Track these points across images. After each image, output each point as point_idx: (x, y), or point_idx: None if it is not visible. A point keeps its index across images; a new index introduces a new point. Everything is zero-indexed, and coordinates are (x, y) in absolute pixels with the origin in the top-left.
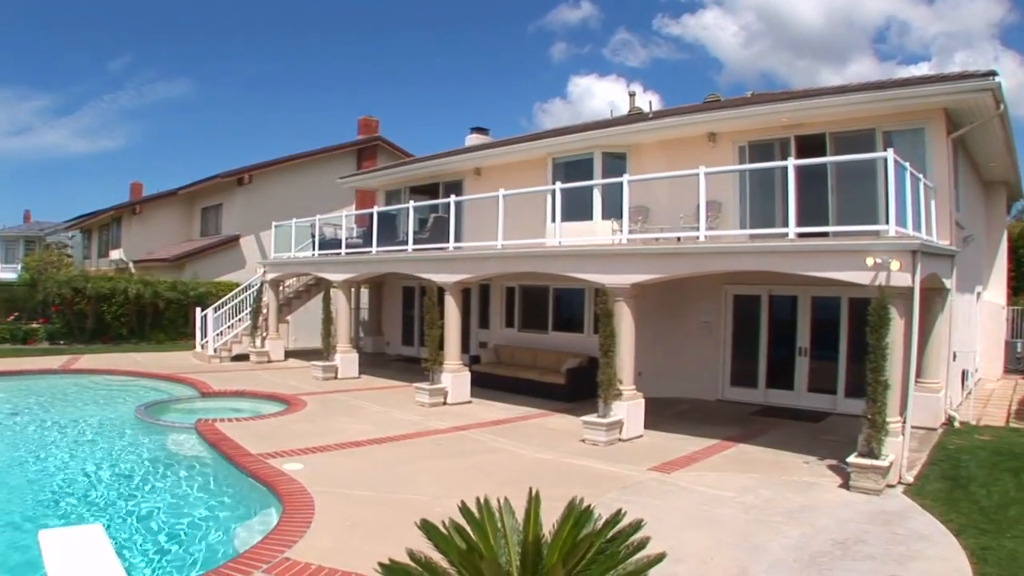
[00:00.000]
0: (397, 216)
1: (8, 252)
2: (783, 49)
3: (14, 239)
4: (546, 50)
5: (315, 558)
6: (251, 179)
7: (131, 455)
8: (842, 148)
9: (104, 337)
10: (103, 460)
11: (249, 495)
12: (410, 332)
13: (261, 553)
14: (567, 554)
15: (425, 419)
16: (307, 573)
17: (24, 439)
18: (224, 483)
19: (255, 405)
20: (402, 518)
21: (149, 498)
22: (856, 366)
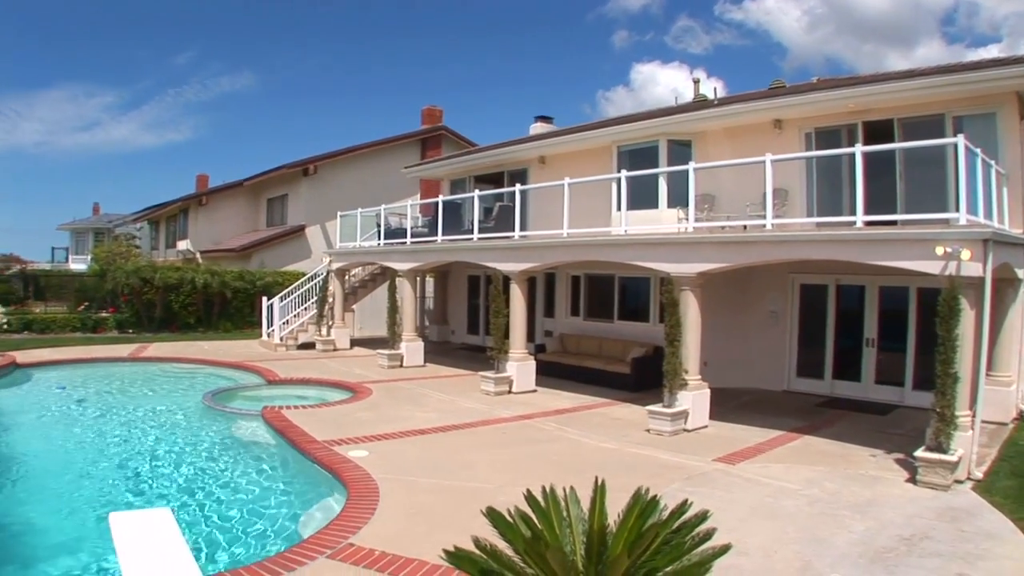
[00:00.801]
0: (462, 205)
1: (78, 244)
2: (848, 33)
3: (84, 231)
4: (607, 38)
5: (379, 544)
6: (316, 170)
7: (198, 442)
8: (910, 134)
9: (172, 326)
10: (171, 446)
11: (314, 481)
12: (475, 321)
13: (325, 539)
14: (632, 544)
15: (490, 408)
16: (371, 559)
17: (94, 426)
18: (290, 469)
19: (321, 393)
20: (466, 506)
21: (216, 483)
22: (925, 358)
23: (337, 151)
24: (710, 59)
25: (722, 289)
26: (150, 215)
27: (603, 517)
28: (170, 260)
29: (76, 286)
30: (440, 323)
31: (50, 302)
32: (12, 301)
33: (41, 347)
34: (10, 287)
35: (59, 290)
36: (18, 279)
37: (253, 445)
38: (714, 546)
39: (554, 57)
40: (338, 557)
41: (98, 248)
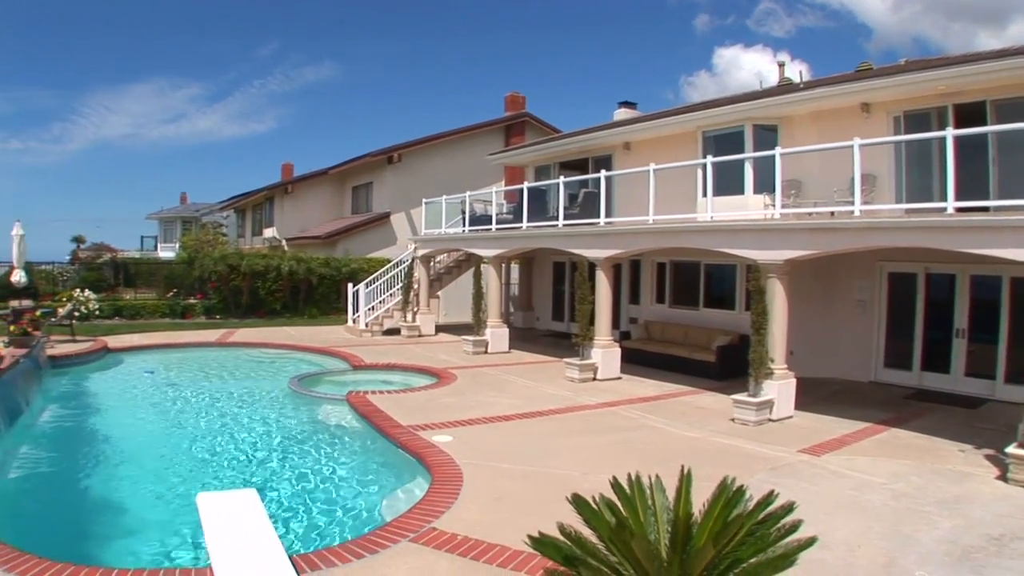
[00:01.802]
0: (547, 191)
1: (166, 232)
2: (936, 12)
3: (171, 220)
4: (689, 22)
5: (461, 529)
6: (400, 157)
7: (284, 425)
8: (1004, 116)
9: (258, 312)
10: (258, 429)
11: (398, 465)
12: (560, 307)
13: (409, 522)
14: (717, 534)
15: (574, 394)
16: (453, 543)
17: (181, 408)
18: (374, 453)
19: (405, 378)
20: (549, 492)
21: (301, 466)
22: (1018, 351)
23: (421, 139)
24: (793, 42)
25: (808, 277)
26: (236, 204)
27: (688, 506)
28: (256, 247)
29: (165, 273)
30: (525, 309)
31: (140, 289)
32: (103, 288)
33: (131, 332)
34: (101, 275)
35: (148, 277)
36: (109, 267)
37: (338, 429)
38: (799, 538)
39: (636, 43)
40: (421, 541)
41: (186, 236)
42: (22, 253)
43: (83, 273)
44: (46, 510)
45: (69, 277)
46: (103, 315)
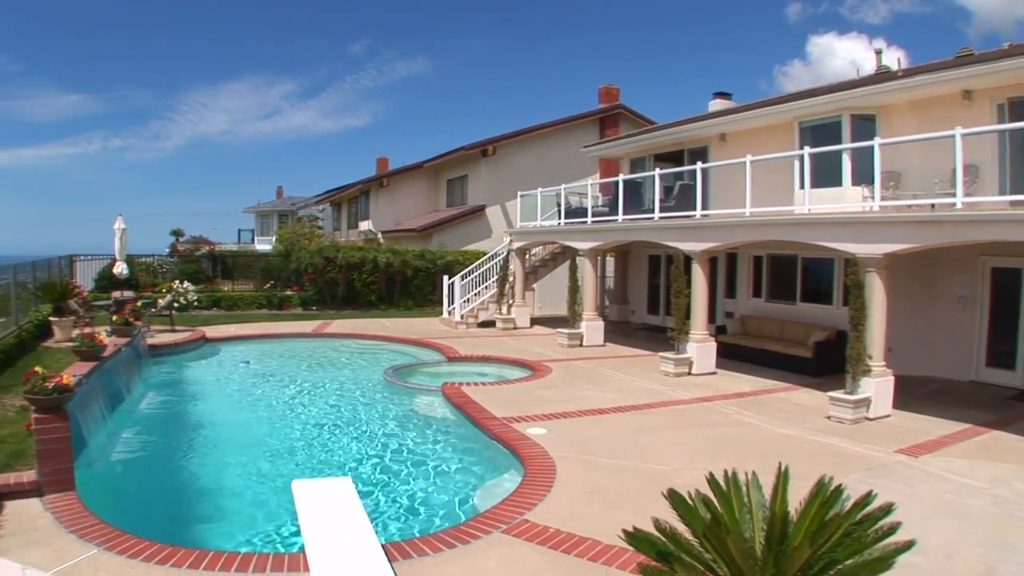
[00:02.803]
0: (642, 184)
1: (263, 225)
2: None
3: (268, 213)
4: (782, 11)
5: (553, 522)
6: (495, 150)
7: (379, 415)
8: None
9: (354, 304)
10: (353, 418)
11: (492, 457)
12: (655, 301)
13: (501, 513)
14: (814, 534)
15: (669, 389)
16: (545, 536)
17: (277, 397)
18: (468, 444)
19: (500, 370)
20: (642, 487)
21: (396, 456)
22: None
23: (515, 132)
24: (889, 28)
25: (907, 271)
26: (332, 197)
27: (785, 504)
28: (352, 240)
29: (262, 266)
30: (620, 303)
31: (237, 281)
32: (201, 280)
33: (228, 323)
34: (199, 267)
35: (245, 269)
36: (207, 259)
37: (433, 420)
38: (896, 541)
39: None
40: (513, 532)
41: (282, 229)
42: (124, 246)
43: (182, 265)
44: (144, 492)
45: (168, 269)
46: (201, 306)
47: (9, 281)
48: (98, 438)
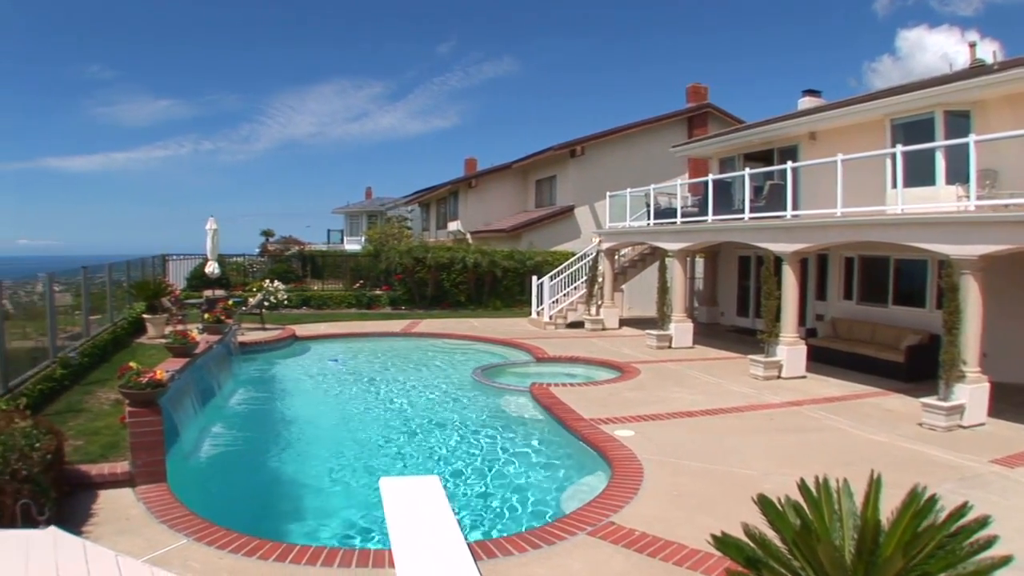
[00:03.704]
0: (732, 184)
1: (352, 226)
2: None
3: (357, 214)
4: (870, 6)
5: (639, 525)
6: (583, 151)
7: (467, 414)
8: None
9: (443, 304)
10: (441, 417)
11: (579, 458)
12: (745, 303)
13: (587, 515)
14: (907, 544)
15: (757, 392)
16: (630, 539)
17: (366, 395)
18: (555, 445)
19: (588, 371)
20: (729, 491)
21: (482, 455)
22: None
23: (603, 132)
24: (982, 20)
25: (1004, 273)
26: (421, 198)
27: (877, 513)
28: (441, 240)
29: (351, 265)
30: (709, 304)
31: (326, 280)
32: (291, 279)
33: (318, 322)
34: (289, 266)
35: (335, 269)
36: (297, 259)
37: (520, 420)
38: (992, 556)
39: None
40: (598, 535)
41: (371, 230)
42: (215, 246)
43: (272, 265)
44: (232, 485)
45: (258, 269)
46: (291, 305)
47: (104, 280)
48: (189, 432)
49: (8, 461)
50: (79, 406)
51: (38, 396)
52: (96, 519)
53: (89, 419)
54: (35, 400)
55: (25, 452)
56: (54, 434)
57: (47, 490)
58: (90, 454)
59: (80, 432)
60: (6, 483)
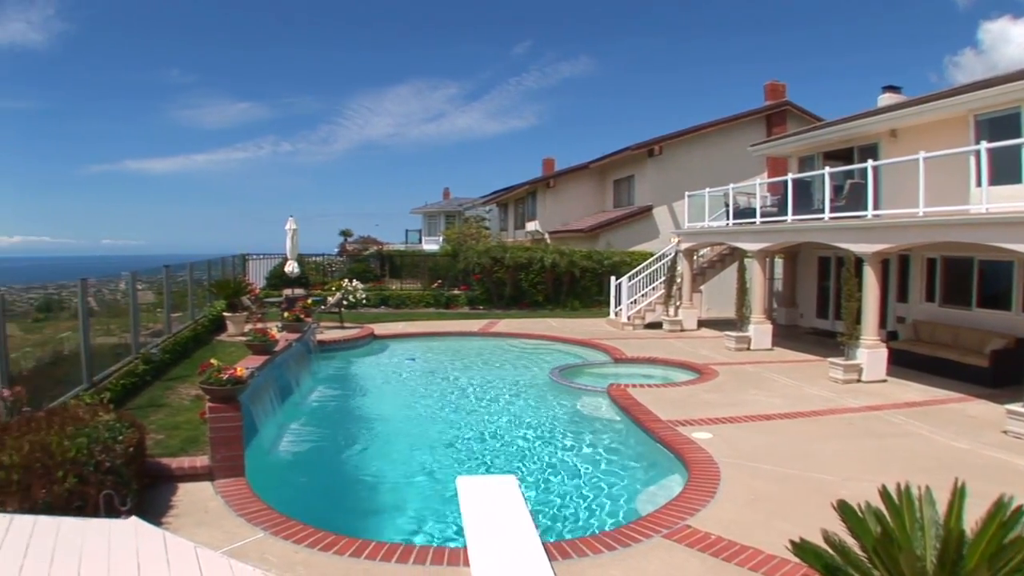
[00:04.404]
0: (811, 183)
1: (430, 226)
2: None
3: (435, 214)
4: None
5: (715, 528)
6: (661, 150)
7: (545, 414)
8: None
9: (521, 304)
10: (518, 416)
11: (656, 460)
12: (824, 304)
13: (663, 518)
14: (991, 556)
15: (837, 396)
16: (706, 543)
17: (443, 394)
18: (632, 446)
19: (666, 372)
20: (807, 497)
21: (559, 455)
22: None
23: (681, 131)
24: None
25: None
26: (498, 198)
27: (960, 523)
28: (519, 240)
29: (429, 265)
30: (788, 306)
31: (405, 280)
32: (370, 279)
33: (396, 321)
34: (368, 266)
35: (413, 269)
36: (375, 259)
37: (597, 421)
38: None
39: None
40: (674, 537)
41: (449, 230)
42: (295, 246)
43: (351, 264)
44: (309, 481)
45: (337, 268)
46: (370, 304)
47: (185, 278)
48: (267, 428)
49: (92, 453)
50: (160, 401)
51: (121, 391)
52: (175, 511)
53: (170, 414)
54: (118, 394)
55: (108, 444)
56: (136, 428)
57: (129, 481)
58: (170, 448)
59: (161, 426)
60: (90, 474)
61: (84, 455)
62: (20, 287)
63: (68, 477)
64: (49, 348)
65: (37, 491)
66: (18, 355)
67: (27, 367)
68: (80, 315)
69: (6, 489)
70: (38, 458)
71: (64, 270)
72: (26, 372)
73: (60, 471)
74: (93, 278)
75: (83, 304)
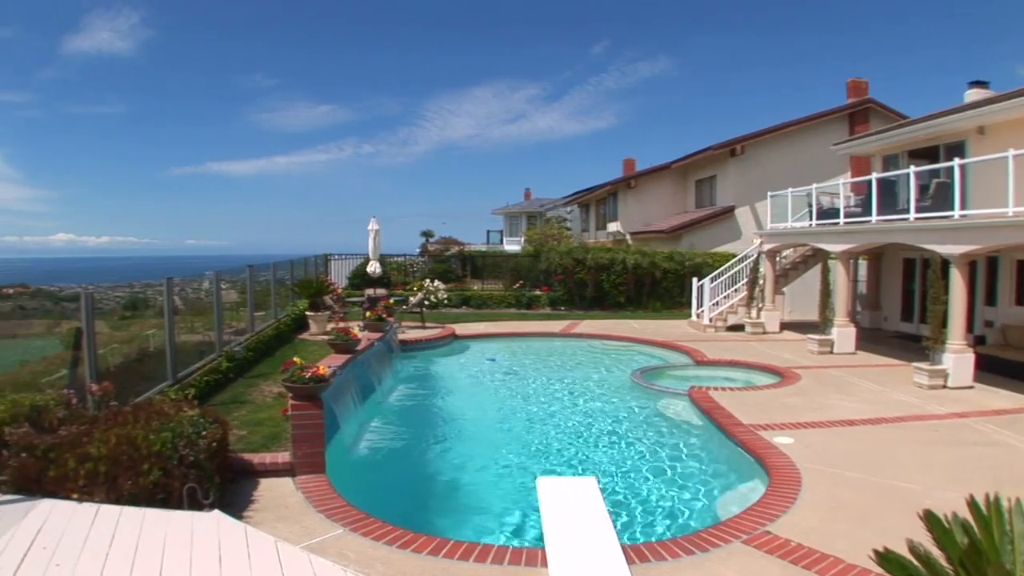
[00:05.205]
0: (896, 182)
1: (511, 226)
2: None
3: (516, 215)
4: None
5: (795, 535)
6: (743, 150)
7: (625, 416)
8: None
9: (602, 305)
10: (599, 418)
11: (736, 464)
12: (909, 307)
13: (742, 523)
14: None
15: (922, 402)
16: (785, 550)
17: (523, 395)
18: (712, 450)
19: (747, 375)
20: (889, 505)
21: (639, 457)
22: None
23: (762, 130)
24: None
25: None
26: (580, 199)
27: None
28: (600, 241)
29: (510, 266)
30: (872, 308)
31: (486, 280)
32: (451, 279)
33: (477, 321)
34: (449, 266)
35: (494, 269)
36: (456, 259)
37: (677, 423)
38: None
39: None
40: (753, 544)
41: (531, 231)
42: (377, 246)
43: (432, 265)
44: (388, 479)
45: (418, 268)
46: (451, 304)
47: (268, 278)
48: (349, 426)
49: (176, 447)
50: (243, 398)
51: (205, 387)
52: (256, 505)
53: (252, 410)
54: (202, 391)
55: (192, 439)
56: (219, 423)
57: (211, 476)
58: (252, 444)
59: (243, 422)
60: (174, 467)
61: (169, 449)
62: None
63: (153, 470)
64: (135, 345)
65: (123, 483)
66: (105, 351)
67: (114, 363)
68: (166, 313)
69: (94, 480)
70: (124, 451)
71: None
72: (113, 368)
73: (145, 464)
74: (178, 277)
75: (169, 302)
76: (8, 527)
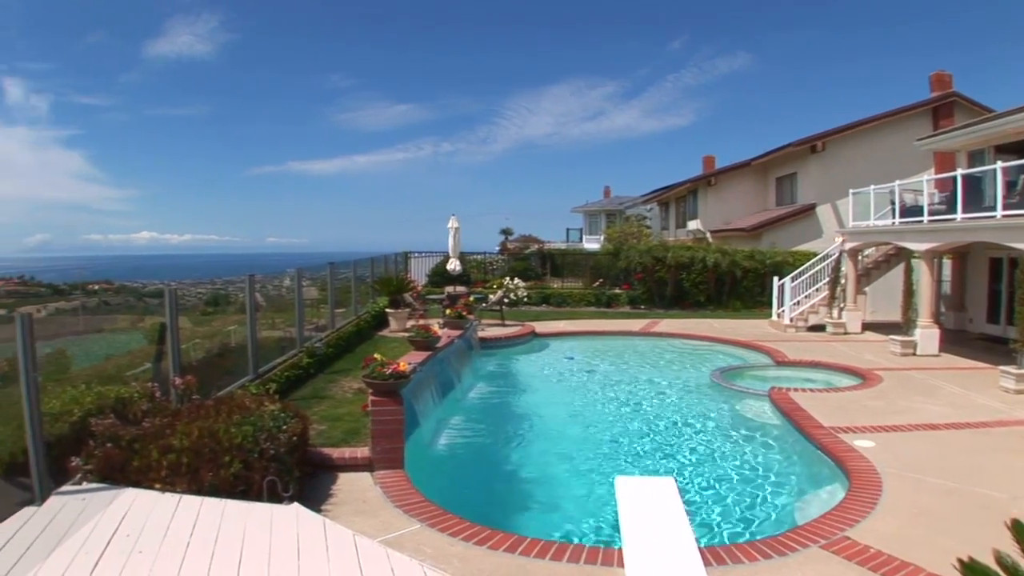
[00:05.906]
0: (982, 179)
1: (591, 224)
2: None
3: (596, 213)
4: None
5: (875, 541)
6: (824, 146)
7: (705, 416)
8: None
9: (682, 303)
10: (679, 418)
11: (815, 468)
12: (996, 308)
13: (821, 528)
14: None
15: (1008, 407)
16: (864, 556)
17: (602, 393)
18: (791, 453)
19: (828, 377)
20: (971, 513)
21: (717, 458)
22: None
23: (843, 126)
24: None
25: None
26: (659, 197)
27: None
28: (680, 239)
29: (590, 264)
30: (956, 309)
31: (565, 278)
32: (531, 277)
33: (557, 319)
34: (529, 264)
35: (573, 267)
36: (536, 257)
37: (757, 424)
38: None
39: None
40: (831, 548)
41: (610, 229)
42: (457, 244)
43: (512, 263)
44: (466, 475)
45: (498, 266)
46: (531, 302)
47: (348, 275)
48: (428, 422)
49: (257, 440)
50: (323, 393)
51: (285, 382)
52: (335, 499)
53: (332, 406)
54: (283, 386)
55: (273, 433)
56: (300, 418)
57: (291, 469)
58: (332, 438)
59: (323, 417)
60: (255, 460)
61: (250, 442)
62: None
63: (234, 462)
64: (217, 340)
65: (204, 474)
66: (188, 346)
67: (196, 358)
68: (247, 309)
69: (176, 471)
70: (206, 443)
71: (231, 266)
72: (195, 362)
73: (227, 456)
74: (259, 274)
75: (250, 299)
76: (93, 514)
